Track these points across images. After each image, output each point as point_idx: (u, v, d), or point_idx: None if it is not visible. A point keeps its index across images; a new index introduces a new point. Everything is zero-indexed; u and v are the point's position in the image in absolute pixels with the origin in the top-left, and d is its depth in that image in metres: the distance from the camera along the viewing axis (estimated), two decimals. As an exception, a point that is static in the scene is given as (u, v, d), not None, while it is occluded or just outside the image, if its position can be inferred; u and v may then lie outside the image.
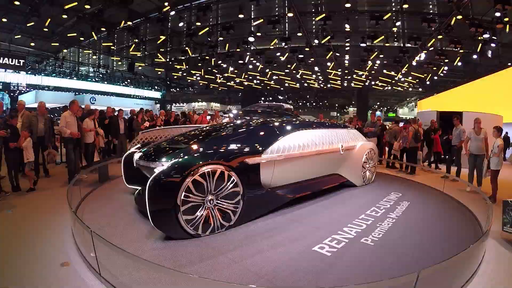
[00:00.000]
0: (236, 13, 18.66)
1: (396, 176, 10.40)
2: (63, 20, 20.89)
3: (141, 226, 5.02)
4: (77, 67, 34.30)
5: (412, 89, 41.19)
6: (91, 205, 6.22)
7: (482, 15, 16.83)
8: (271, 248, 4.27)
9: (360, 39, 20.67)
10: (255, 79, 38.55)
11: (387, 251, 4.35)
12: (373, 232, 4.94)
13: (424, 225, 5.58)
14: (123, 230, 4.88)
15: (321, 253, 4.19)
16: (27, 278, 3.64)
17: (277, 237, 4.66)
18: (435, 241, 4.84)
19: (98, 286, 3.57)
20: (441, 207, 6.80)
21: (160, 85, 43.69)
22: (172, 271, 3.22)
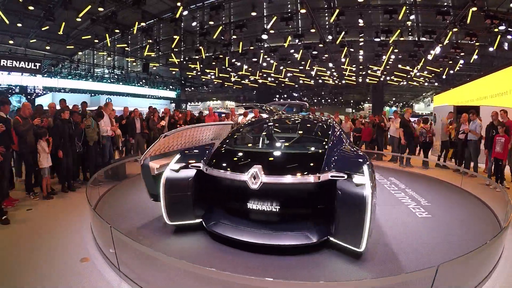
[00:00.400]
0: (248, 11, 18.70)
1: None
2: (77, 23, 21.14)
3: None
4: (92, 69, 34.66)
5: (427, 84, 40.66)
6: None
7: (497, 6, 16.56)
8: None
9: (374, 34, 20.53)
10: (270, 77, 38.49)
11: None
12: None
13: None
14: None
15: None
16: (47, 274, 3.74)
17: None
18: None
19: (117, 281, 3.65)
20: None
21: (175, 84, 43.93)
22: (192, 266, 3.23)
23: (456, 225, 5.50)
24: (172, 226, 4.83)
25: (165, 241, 4.59)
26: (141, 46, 27.88)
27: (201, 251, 4.26)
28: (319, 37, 22.26)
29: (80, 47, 28.05)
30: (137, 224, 5.21)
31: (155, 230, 4.95)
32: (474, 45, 20.69)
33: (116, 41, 25.77)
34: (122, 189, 7.73)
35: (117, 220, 5.29)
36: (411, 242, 4.68)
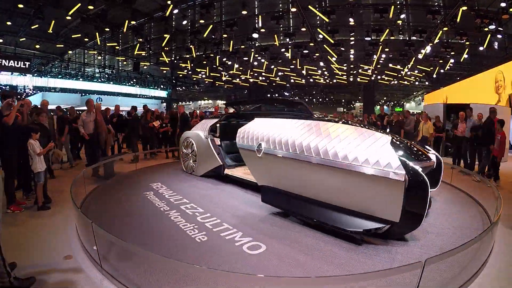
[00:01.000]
0: (239, 9, 18.63)
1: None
2: (67, 22, 20.98)
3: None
4: (82, 68, 34.41)
5: (418, 83, 40.89)
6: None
7: (488, 6, 16.62)
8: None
9: (365, 33, 20.56)
10: (261, 76, 38.47)
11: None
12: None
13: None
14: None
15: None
16: (29, 271, 3.68)
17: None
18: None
19: (98, 277, 3.63)
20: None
21: (166, 84, 43.77)
22: (179, 263, 3.26)
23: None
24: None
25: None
26: (132, 45, 27.70)
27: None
28: (310, 35, 22.23)
29: (70, 46, 27.77)
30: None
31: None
32: (464, 45, 20.79)
33: (106, 40, 25.57)
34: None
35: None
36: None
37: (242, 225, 4.98)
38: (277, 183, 5.43)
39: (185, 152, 8.88)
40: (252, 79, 39.24)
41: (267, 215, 5.48)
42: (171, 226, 4.97)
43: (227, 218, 5.30)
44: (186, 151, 8.86)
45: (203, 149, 8.21)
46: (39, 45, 24.52)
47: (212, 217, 5.31)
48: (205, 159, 8.19)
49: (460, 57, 23.30)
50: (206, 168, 8.20)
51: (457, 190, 7.56)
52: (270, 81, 41.32)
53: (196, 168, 8.48)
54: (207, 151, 8.10)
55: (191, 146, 8.59)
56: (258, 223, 5.11)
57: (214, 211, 5.64)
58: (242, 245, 4.24)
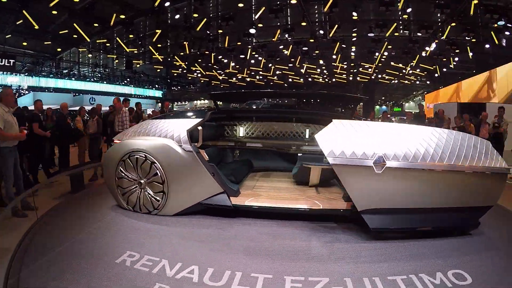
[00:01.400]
0: (236, 3, 17.76)
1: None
2: (54, 17, 19.98)
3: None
4: (75, 67, 33.55)
5: (419, 83, 40.23)
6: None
7: (497, 1, 15.90)
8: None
9: (368, 29, 19.75)
10: (258, 75, 37.60)
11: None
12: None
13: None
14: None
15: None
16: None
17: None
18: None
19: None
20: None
21: (160, 83, 42.95)
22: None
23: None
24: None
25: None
26: (124, 42, 26.79)
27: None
28: (310, 31, 21.38)
29: (58, 43, 26.77)
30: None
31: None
32: (471, 42, 20.07)
33: (96, 37, 24.59)
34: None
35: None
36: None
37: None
38: (393, 202, 4.52)
39: (128, 177, 5.42)
40: (249, 78, 38.32)
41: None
42: None
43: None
44: (130, 175, 5.40)
45: (181, 169, 5.30)
46: (27, 42, 23.51)
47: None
48: (188, 186, 5.30)
49: (464, 55, 22.61)
50: (189, 200, 5.33)
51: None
52: (267, 80, 40.53)
53: (166, 202, 5.29)
54: (190, 171, 5.31)
55: (149, 166, 5.28)
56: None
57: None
58: None
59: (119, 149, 5.56)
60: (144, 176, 5.36)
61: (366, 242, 4.34)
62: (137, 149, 5.37)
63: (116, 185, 5.48)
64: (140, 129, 5.85)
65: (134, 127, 6.08)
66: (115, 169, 5.45)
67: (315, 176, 5.89)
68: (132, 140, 5.62)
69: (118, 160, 5.44)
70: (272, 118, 7.52)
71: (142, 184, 5.38)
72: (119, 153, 5.50)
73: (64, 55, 31.73)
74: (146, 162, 5.30)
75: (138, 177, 5.39)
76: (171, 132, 5.49)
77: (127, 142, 5.59)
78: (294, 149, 6.63)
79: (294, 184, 6.38)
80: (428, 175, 4.39)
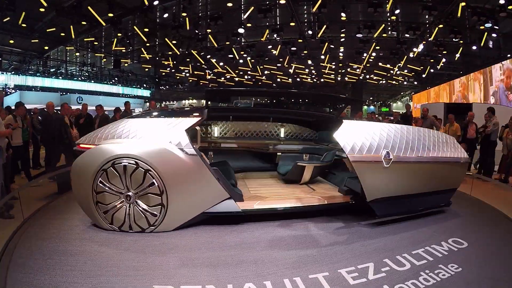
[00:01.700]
0: (224, 2, 17.67)
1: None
2: (41, 15, 19.69)
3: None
4: (61, 66, 33.09)
5: (406, 83, 40.50)
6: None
7: (485, 3, 16.05)
8: None
9: (356, 30, 19.82)
10: (246, 75, 37.52)
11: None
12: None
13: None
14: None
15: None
16: None
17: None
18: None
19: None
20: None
21: (149, 83, 42.64)
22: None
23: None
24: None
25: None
26: (112, 41, 26.51)
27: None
28: (298, 32, 21.37)
29: (46, 41, 26.38)
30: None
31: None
32: (458, 43, 20.24)
33: (84, 35, 24.27)
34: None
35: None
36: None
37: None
38: (393, 191, 5.15)
39: (112, 190, 4.47)
40: (238, 77, 38.20)
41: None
42: None
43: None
44: (114, 188, 4.47)
45: (184, 176, 4.65)
46: (14, 40, 23.12)
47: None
48: (191, 195, 4.67)
49: (452, 56, 22.82)
50: (192, 211, 4.70)
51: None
52: (256, 80, 40.47)
53: (165, 216, 4.54)
54: (194, 178, 4.71)
55: (142, 175, 4.44)
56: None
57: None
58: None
59: (96, 156, 4.49)
60: (134, 187, 4.49)
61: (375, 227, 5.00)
62: (124, 155, 4.43)
63: (95, 201, 4.45)
64: (118, 131, 4.85)
65: (108, 128, 5.01)
66: (92, 181, 4.40)
67: (308, 174, 6.25)
68: (115, 144, 4.60)
69: (97, 170, 4.40)
70: (263, 117, 7.46)
71: (131, 197, 4.49)
72: (96, 161, 4.43)
73: (52, 54, 31.27)
74: (138, 170, 4.43)
75: (126, 189, 4.48)
76: (167, 134, 4.75)
77: (107, 147, 4.53)
78: (272, 149, 7.22)
79: (284, 183, 6.52)
80: (418, 166, 5.22)
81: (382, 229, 4.87)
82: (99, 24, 20.08)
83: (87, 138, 4.92)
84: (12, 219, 5.14)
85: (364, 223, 5.07)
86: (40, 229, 4.63)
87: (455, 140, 5.97)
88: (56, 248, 3.94)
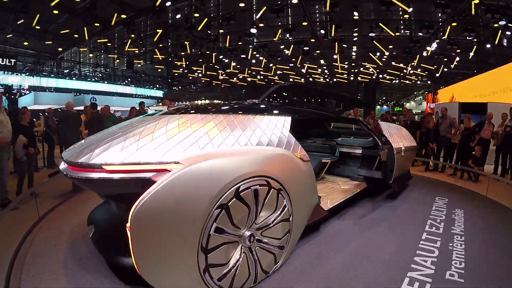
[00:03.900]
0: (237, 2, 17.70)
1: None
2: (54, 17, 19.92)
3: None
4: (75, 67, 33.44)
5: (420, 83, 40.10)
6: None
7: (498, 1, 15.83)
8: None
9: (369, 29, 19.70)
10: (259, 75, 37.47)
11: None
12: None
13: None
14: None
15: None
16: None
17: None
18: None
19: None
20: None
21: (161, 83, 42.84)
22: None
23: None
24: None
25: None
26: (125, 42, 26.71)
27: None
28: (311, 31, 21.31)
29: (59, 43, 26.67)
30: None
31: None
32: (472, 42, 19.99)
33: (97, 36, 24.50)
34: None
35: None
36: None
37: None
38: (398, 172, 6.66)
39: (230, 235, 3.03)
40: (250, 78, 38.16)
41: None
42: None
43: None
44: (233, 231, 3.06)
45: (303, 191, 3.88)
46: (27, 42, 23.41)
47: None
48: (304, 209, 3.93)
49: (466, 55, 22.52)
50: (302, 227, 3.97)
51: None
52: (268, 80, 40.41)
53: (289, 244, 3.70)
54: (308, 189, 4.02)
55: (275, 199, 3.40)
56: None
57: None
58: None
59: (200, 185, 2.79)
60: (261, 219, 3.31)
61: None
62: (253, 175, 3.15)
63: (203, 266, 2.85)
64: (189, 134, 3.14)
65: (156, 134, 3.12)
66: (200, 233, 2.78)
67: (324, 169, 6.72)
68: (230, 160, 3.07)
69: (209, 210, 2.81)
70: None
71: (253, 237, 3.22)
72: (205, 194, 2.80)
73: (65, 55, 31.63)
74: (272, 193, 3.33)
75: (245, 228, 3.17)
76: (275, 137, 3.70)
77: (218, 165, 2.95)
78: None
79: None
80: (407, 153, 6.97)
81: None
82: (112, 25, 20.28)
83: (117, 153, 2.90)
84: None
85: (382, 199, 6.73)
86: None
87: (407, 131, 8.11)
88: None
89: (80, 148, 3.30)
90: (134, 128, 3.29)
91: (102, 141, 3.14)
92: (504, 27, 16.54)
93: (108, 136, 3.29)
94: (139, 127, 3.28)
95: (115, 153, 2.87)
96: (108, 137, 3.23)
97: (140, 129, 3.21)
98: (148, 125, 3.27)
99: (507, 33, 17.42)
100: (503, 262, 3.99)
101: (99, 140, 3.22)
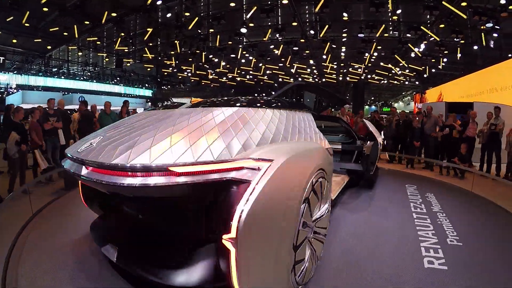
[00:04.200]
0: (227, 2, 17.74)
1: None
2: (44, 14, 19.73)
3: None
4: (64, 65, 33.13)
5: (408, 83, 40.49)
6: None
7: (486, 3, 16.07)
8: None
9: (358, 30, 19.87)
10: (248, 74, 37.56)
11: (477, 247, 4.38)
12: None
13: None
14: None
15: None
16: None
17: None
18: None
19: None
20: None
21: (151, 82, 42.67)
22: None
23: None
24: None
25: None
26: (114, 40, 26.53)
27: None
28: (300, 31, 21.43)
29: (49, 41, 26.41)
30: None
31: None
32: (459, 43, 20.26)
33: (86, 34, 24.32)
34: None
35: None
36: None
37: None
38: (375, 163, 8.11)
39: (304, 227, 3.00)
40: (240, 77, 38.24)
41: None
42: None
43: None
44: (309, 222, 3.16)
45: (331, 183, 4.15)
46: (17, 39, 23.19)
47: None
48: (329, 201, 3.94)
49: (453, 56, 22.81)
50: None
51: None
52: (257, 79, 40.49)
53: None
54: (332, 182, 4.34)
55: (326, 189, 3.63)
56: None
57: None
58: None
59: (296, 179, 2.86)
60: (319, 208, 3.44)
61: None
62: (320, 168, 3.31)
63: (292, 263, 2.79)
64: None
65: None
66: (296, 229, 2.79)
67: None
68: (308, 150, 3.34)
69: (301, 203, 2.86)
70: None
71: (312, 230, 3.28)
72: (300, 188, 2.86)
73: (54, 53, 31.33)
74: (327, 184, 3.61)
75: (312, 219, 3.25)
76: (311, 131, 3.84)
77: (303, 161, 3.09)
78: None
79: None
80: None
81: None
82: (102, 24, 20.16)
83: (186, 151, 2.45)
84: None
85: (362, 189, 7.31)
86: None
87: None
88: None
89: (99, 146, 2.71)
90: (177, 123, 2.80)
91: (132, 138, 2.64)
92: (491, 29, 16.79)
93: (132, 132, 2.81)
94: (183, 121, 2.84)
95: (179, 151, 2.40)
96: (134, 133, 2.75)
97: (192, 123, 2.80)
98: (195, 119, 2.87)
99: (494, 35, 17.73)
100: (485, 226, 5.25)
101: (125, 137, 2.73)
